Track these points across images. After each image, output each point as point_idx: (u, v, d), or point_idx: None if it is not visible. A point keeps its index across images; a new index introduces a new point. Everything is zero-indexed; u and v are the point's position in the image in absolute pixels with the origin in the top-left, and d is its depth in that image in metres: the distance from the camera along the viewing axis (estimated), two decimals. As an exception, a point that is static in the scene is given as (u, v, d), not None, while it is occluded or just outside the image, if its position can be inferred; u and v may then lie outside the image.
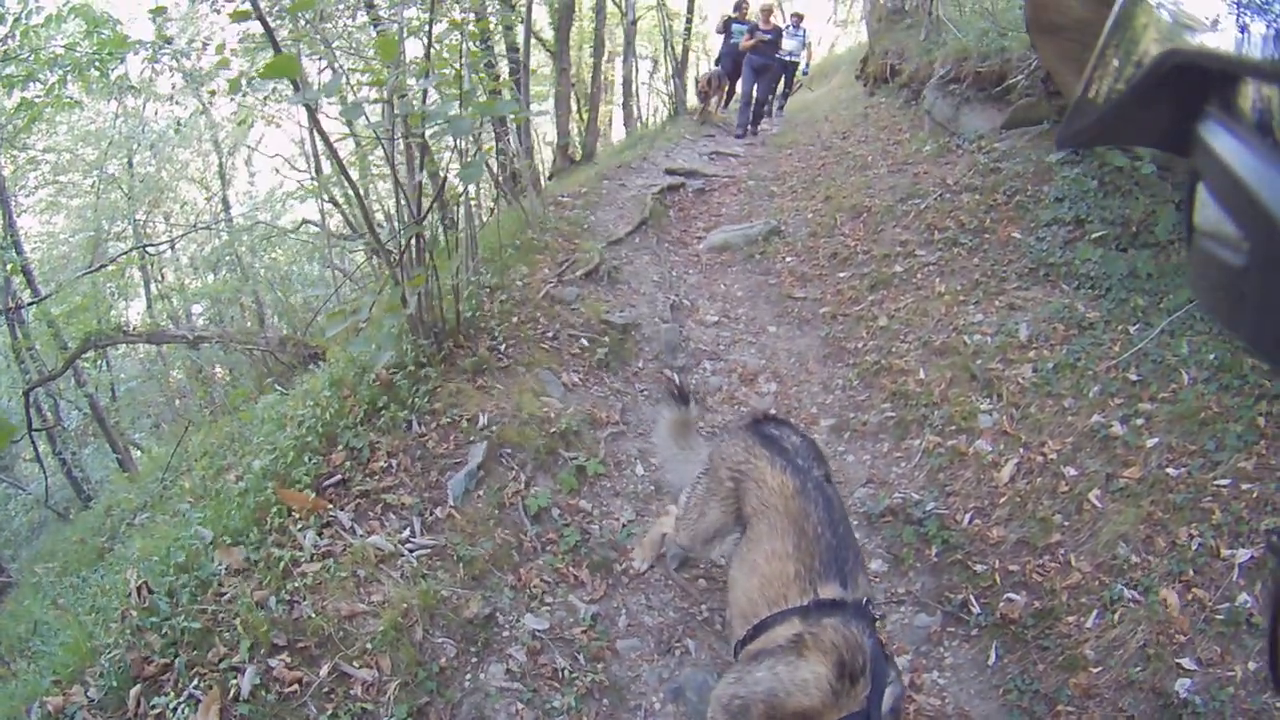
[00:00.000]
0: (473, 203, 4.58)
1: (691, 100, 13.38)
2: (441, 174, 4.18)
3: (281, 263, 12.51)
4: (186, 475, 4.07)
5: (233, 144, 15.35)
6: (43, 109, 8.91)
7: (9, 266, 10.13)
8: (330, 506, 2.98)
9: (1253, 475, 2.99)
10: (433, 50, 3.60)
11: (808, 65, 13.02)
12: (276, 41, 3.15)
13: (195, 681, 2.21)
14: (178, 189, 17.41)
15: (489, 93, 5.30)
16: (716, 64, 12.54)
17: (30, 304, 10.28)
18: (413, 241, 3.64)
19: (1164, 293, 4.13)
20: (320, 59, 5.29)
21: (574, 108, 12.50)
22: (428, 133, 3.37)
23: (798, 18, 12.24)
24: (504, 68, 7.92)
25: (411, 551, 2.88)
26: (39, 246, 15.03)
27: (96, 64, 8.46)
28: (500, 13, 5.64)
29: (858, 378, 4.54)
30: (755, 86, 11.01)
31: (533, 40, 10.27)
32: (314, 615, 2.48)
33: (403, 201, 3.63)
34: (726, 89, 12.55)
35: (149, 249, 12.50)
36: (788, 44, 11.39)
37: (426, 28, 3.40)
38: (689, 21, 14.61)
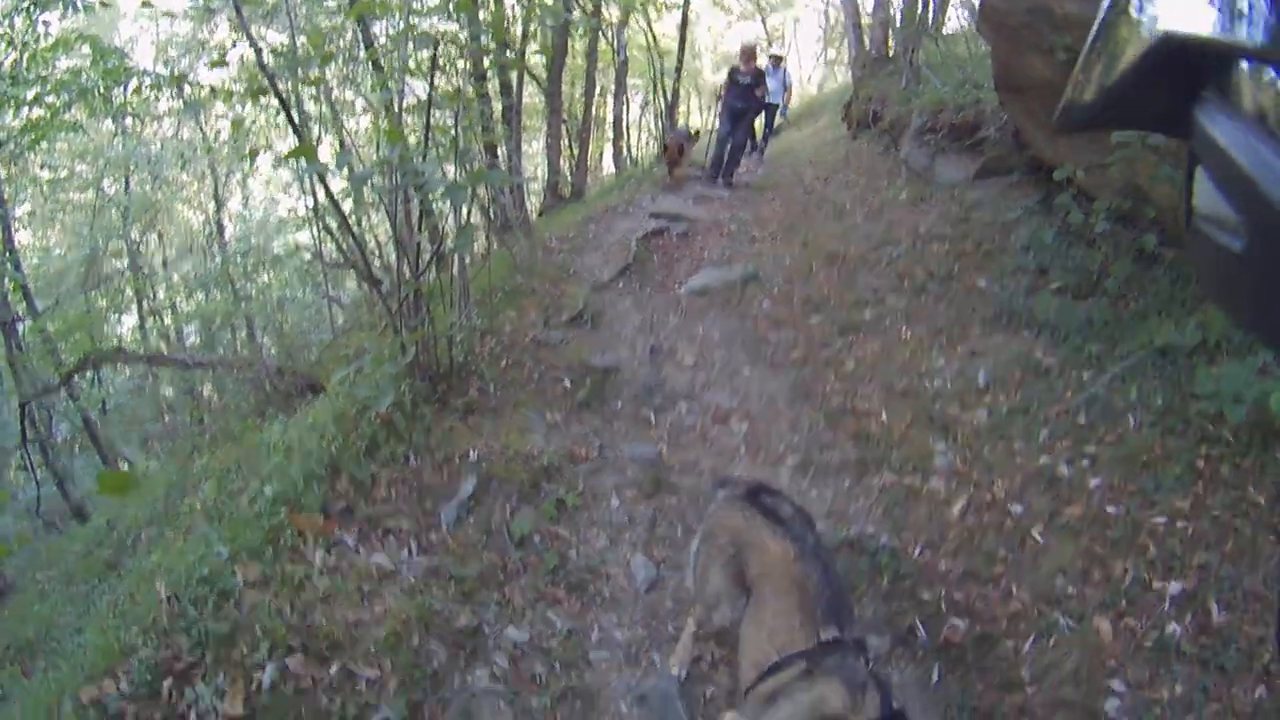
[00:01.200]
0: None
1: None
2: (440, 224, 4.52)
3: (274, 287, 12.63)
4: (192, 495, 4.34)
5: (227, 167, 15.57)
6: (46, 131, 9.16)
7: (10, 284, 10.33)
8: (337, 529, 3.31)
9: (1188, 514, 3.12)
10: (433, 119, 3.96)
11: (786, 107, 13.04)
12: (300, 130, 3.49)
13: (221, 676, 2.50)
14: (173, 209, 17.61)
15: (483, 145, 5.65)
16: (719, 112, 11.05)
17: (27, 319, 10.46)
18: (411, 294, 3.99)
19: (1118, 340, 4.26)
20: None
21: (565, 145, 12.57)
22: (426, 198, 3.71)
23: (776, 59, 12.34)
24: (497, 106, 8.16)
25: (409, 570, 3.22)
26: (32, 260, 15.15)
27: (100, 91, 8.75)
28: (496, 56, 5.92)
29: (824, 419, 4.63)
30: (732, 132, 10.06)
31: (526, 76, 10.53)
32: (324, 622, 2.79)
33: (403, 257, 3.98)
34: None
35: (144, 271, 12.68)
36: (768, 84, 10.69)
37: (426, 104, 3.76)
38: (680, 60, 14.36)
